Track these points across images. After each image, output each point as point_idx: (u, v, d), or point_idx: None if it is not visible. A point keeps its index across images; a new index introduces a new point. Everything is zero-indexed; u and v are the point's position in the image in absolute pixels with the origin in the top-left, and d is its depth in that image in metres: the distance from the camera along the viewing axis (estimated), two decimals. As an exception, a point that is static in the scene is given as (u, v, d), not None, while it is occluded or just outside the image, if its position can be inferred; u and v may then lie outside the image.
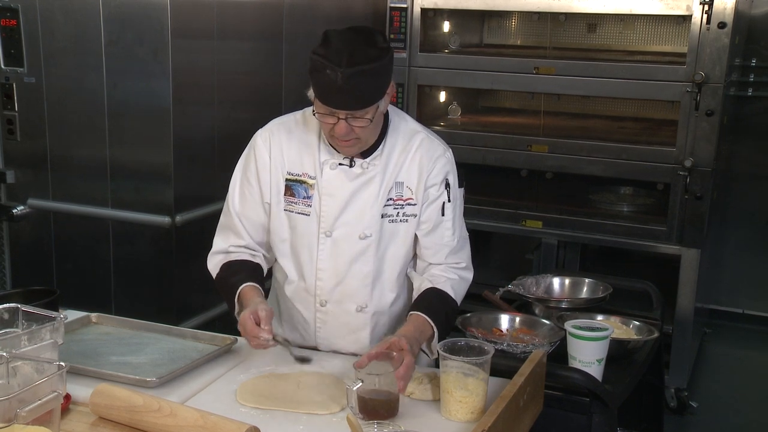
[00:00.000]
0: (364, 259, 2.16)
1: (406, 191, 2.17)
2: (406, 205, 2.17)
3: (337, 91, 1.94)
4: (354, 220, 2.14)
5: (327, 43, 1.97)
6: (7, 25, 3.33)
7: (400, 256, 2.20)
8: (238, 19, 3.49)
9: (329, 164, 2.14)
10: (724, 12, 3.62)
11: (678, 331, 3.89)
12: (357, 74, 1.92)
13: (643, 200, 4.30)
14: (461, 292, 2.23)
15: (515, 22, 4.76)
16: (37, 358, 1.69)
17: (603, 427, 2.05)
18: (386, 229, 2.16)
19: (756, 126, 4.75)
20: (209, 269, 2.26)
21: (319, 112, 2.02)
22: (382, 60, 1.97)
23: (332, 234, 2.15)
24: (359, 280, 2.17)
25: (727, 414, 3.99)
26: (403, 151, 2.17)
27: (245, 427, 1.59)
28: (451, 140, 2.32)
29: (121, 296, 3.38)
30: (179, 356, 2.08)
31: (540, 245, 4.15)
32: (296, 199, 2.17)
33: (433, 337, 2.08)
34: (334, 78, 1.92)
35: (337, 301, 2.19)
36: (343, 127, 2.00)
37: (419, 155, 2.17)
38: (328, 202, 2.14)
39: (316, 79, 1.98)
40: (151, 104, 3.17)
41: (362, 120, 2.00)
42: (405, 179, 2.16)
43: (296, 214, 2.17)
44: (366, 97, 1.98)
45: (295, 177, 2.17)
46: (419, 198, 2.17)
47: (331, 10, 4.15)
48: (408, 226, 2.18)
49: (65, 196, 3.40)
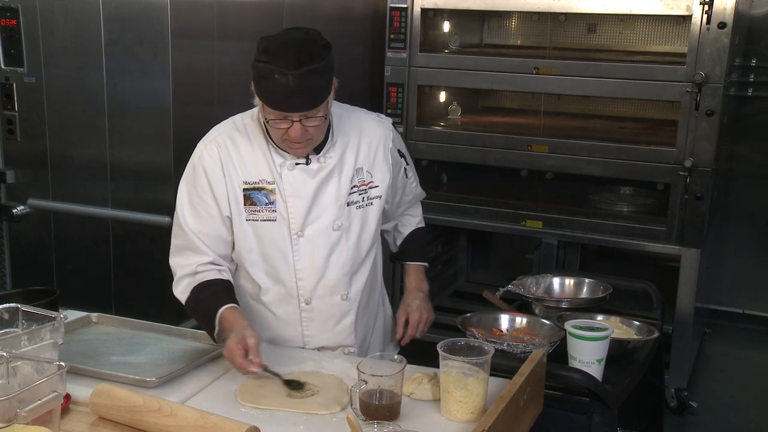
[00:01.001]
0: (339, 250, 2.19)
1: (366, 175, 2.23)
2: (369, 189, 2.23)
3: (290, 94, 1.94)
4: (323, 215, 2.17)
5: (268, 50, 1.97)
6: (7, 25, 3.33)
7: (370, 237, 2.26)
8: (238, 19, 3.49)
9: (287, 166, 2.14)
10: (724, 12, 3.62)
11: (678, 331, 3.89)
12: (307, 74, 1.94)
13: (643, 200, 4.30)
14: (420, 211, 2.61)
15: (515, 22, 4.76)
16: (37, 358, 1.69)
17: (603, 427, 2.05)
18: (355, 216, 2.21)
19: (756, 126, 4.74)
20: (176, 295, 2.18)
21: (270, 118, 2.02)
22: (326, 56, 2.00)
23: (304, 233, 2.16)
24: (338, 269, 2.20)
25: (727, 414, 3.99)
26: (354, 137, 2.22)
27: (245, 427, 1.59)
28: (451, 140, 2.36)
29: (121, 296, 3.38)
30: (179, 356, 2.08)
31: (540, 245, 4.15)
32: (258, 207, 2.15)
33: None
34: (285, 82, 1.93)
35: (321, 296, 2.21)
36: (297, 129, 2.00)
37: (367, 137, 2.24)
38: (295, 203, 2.14)
39: (264, 86, 1.98)
40: (151, 104, 3.17)
41: (315, 119, 2.02)
42: (363, 164, 2.22)
43: (261, 221, 2.15)
44: (317, 95, 2.00)
45: (253, 185, 2.15)
46: (379, 179, 2.24)
47: (331, 10, 4.15)
48: (374, 208, 2.25)
49: (65, 196, 3.40)
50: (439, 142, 4.22)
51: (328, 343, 2.26)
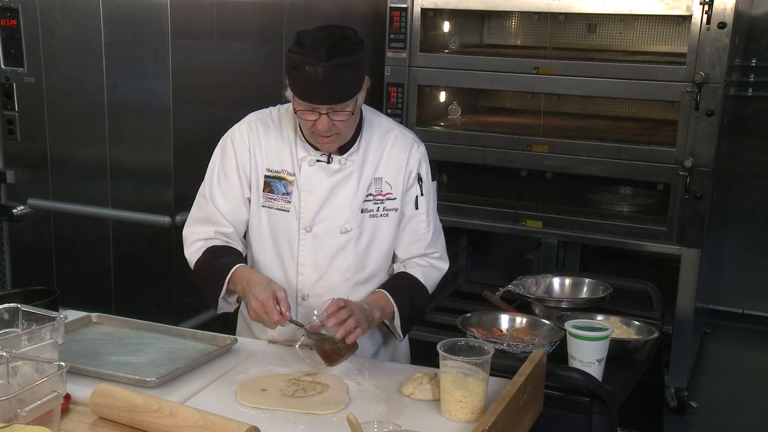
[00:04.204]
0: (344, 254, 2.19)
1: (385, 186, 2.21)
2: (386, 200, 2.21)
3: (318, 85, 1.97)
4: (334, 216, 2.17)
5: (302, 42, 2.00)
6: (7, 25, 3.33)
7: (383, 250, 2.24)
8: (238, 19, 3.49)
9: (307, 161, 2.17)
10: (724, 12, 3.62)
11: (678, 331, 3.89)
12: (336, 67, 1.95)
13: (643, 200, 4.29)
14: (433, 280, 2.31)
15: (515, 22, 4.76)
16: (37, 358, 1.69)
17: (603, 427, 2.05)
18: (367, 224, 2.20)
19: (756, 126, 4.75)
20: (187, 256, 2.23)
21: (299, 109, 2.05)
22: (357, 53, 2.01)
23: (312, 229, 2.18)
24: (340, 273, 2.20)
25: (727, 414, 3.99)
26: (379, 147, 2.21)
27: (245, 427, 1.59)
28: (451, 140, 2.32)
29: (121, 296, 3.38)
30: (179, 356, 2.08)
31: (540, 245, 4.15)
32: (275, 195, 2.19)
33: (393, 315, 2.16)
34: (314, 73, 1.95)
35: (319, 296, 2.20)
36: (325, 122, 2.02)
37: (395, 151, 2.22)
38: (308, 198, 2.17)
39: (294, 77, 2.01)
40: (151, 104, 3.18)
41: (343, 113, 2.03)
42: (383, 174, 2.21)
43: (275, 210, 2.19)
44: (346, 90, 2.01)
45: (275, 174, 2.19)
46: (398, 193, 2.22)
47: (331, 10, 4.15)
48: (389, 220, 2.22)
49: (65, 196, 3.40)
50: (439, 142, 4.21)
51: None
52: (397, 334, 2.23)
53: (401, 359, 2.39)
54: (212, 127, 3.37)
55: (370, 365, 2.11)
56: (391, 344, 2.37)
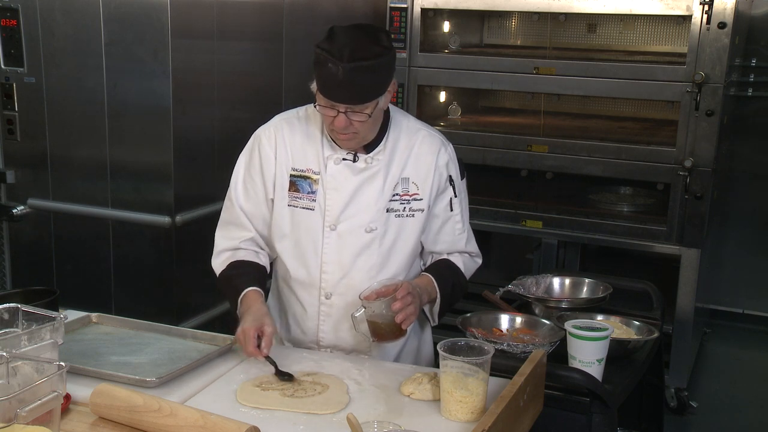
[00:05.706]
0: (368, 252, 2.19)
1: (412, 186, 2.21)
2: (413, 201, 2.21)
3: (338, 84, 1.98)
4: (359, 214, 2.17)
5: (331, 38, 2.02)
6: (7, 25, 3.33)
7: (407, 250, 2.24)
8: (238, 19, 3.49)
9: (333, 159, 2.18)
10: (724, 12, 3.62)
11: (678, 331, 3.89)
12: (357, 69, 1.96)
13: (643, 200, 4.29)
14: (471, 270, 2.38)
15: (515, 22, 4.76)
16: (37, 358, 1.69)
17: (603, 427, 2.05)
18: (392, 224, 2.20)
19: (756, 126, 4.75)
20: (213, 267, 2.28)
21: (320, 104, 2.06)
22: (382, 57, 2.01)
23: (337, 228, 2.18)
24: (364, 272, 2.20)
25: (727, 414, 3.99)
26: (407, 147, 2.21)
27: (245, 427, 1.59)
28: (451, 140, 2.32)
29: (121, 296, 3.38)
30: (179, 356, 2.08)
31: (540, 245, 4.15)
32: (300, 194, 2.20)
33: (435, 302, 2.22)
34: (335, 72, 1.96)
35: (342, 294, 2.21)
36: (342, 120, 2.03)
37: (423, 152, 2.22)
38: (333, 196, 2.17)
39: (318, 71, 2.03)
40: (151, 104, 3.17)
41: (361, 115, 2.04)
42: (411, 175, 2.21)
43: (300, 209, 2.20)
44: (365, 92, 2.02)
45: (300, 173, 2.20)
46: (425, 194, 2.21)
47: (331, 10, 4.15)
48: (415, 221, 2.22)
49: (65, 196, 3.40)
50: (439, 142, 4.21)
51: (341, 343, 2.25)
52: (432, 319, 2.29)
53: (426, 347, 2.43)
54: (212, 127, 3.39)
55: (370, 365, 2.11)
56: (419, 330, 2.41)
